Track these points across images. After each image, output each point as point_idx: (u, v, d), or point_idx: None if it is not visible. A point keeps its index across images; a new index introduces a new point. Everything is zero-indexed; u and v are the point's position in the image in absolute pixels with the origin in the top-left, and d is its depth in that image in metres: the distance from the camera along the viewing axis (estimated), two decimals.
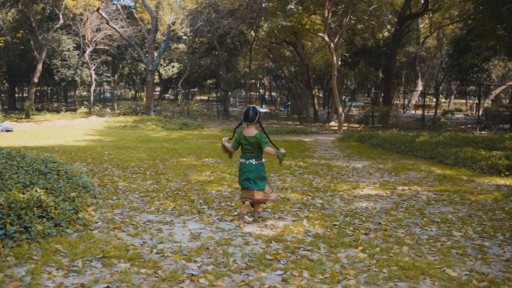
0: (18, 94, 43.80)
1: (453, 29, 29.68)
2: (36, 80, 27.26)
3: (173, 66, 37.39)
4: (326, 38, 19.72)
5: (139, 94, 51.53)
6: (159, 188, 6.74)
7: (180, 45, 35.98)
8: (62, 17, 27.29)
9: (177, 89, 42.12)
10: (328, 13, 19.14)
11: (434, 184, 7.56)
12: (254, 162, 5.01)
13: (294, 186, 7.13)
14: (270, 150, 4.98)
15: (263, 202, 5.19)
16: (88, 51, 29.62)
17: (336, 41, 20.66)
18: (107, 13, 27.94)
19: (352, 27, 24.36)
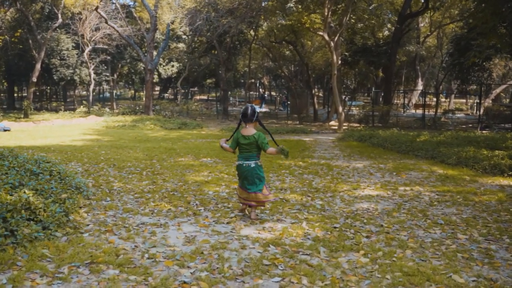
0: (17, 94, 43.63)
1: (453, 28, 29.51)
2: (34, 79, 27.10)
3: (172, 66, 37.20)
4: (326, 37, 19.55)
5: (138, 93, 51.37)
6: (155, 188, 6.58)
7: (179, 44, 35.82)
8: (60, 16, 27.14)
9: (176, 88, 41.95)
10: (328, 12, 18.98)
11: (436, 184, 7.38)
12: (253, 165, 4.90)
13: (293, 186, 6.96)
14: (272, 151, 4.87)
15: (262, 204, 5.05)
16: (87, 51, 29.46)
17: (336, 40, 20.49)
18: (106, 12, 27.78)
19: (352, 26, 24.20)
